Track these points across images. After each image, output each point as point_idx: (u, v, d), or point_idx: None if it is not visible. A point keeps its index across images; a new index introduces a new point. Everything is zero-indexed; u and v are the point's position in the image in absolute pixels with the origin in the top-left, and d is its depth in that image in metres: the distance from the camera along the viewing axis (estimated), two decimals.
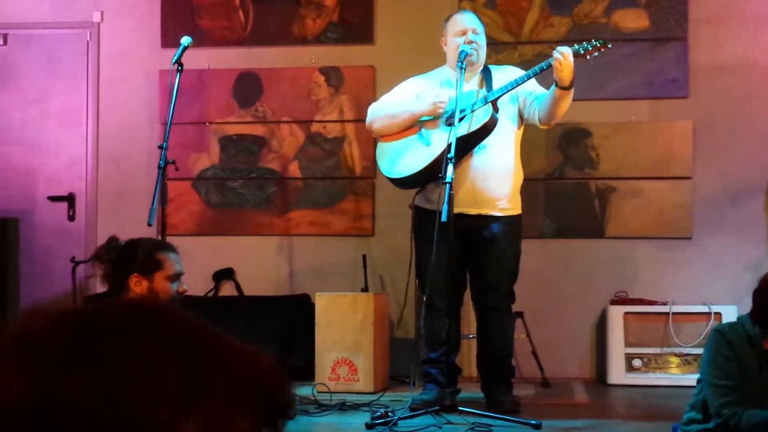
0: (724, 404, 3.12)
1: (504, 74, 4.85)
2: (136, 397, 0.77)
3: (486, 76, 4.87)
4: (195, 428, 0.77)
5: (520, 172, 4.87)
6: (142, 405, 0.76)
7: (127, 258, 3.24)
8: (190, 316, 0.87)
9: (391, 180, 4.93)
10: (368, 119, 4.99)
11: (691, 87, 6.06)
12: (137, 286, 3.20)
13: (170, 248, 3.35)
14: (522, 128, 4.89)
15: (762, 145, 6.02)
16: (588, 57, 4.65)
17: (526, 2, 6.22)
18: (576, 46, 4.61)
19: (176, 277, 3.29)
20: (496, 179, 4.73)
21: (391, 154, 4.89)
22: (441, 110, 4.71)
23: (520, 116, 4.83)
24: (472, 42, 4.76)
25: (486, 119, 4.61)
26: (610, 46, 4.70)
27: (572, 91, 4.59)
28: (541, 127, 4.85)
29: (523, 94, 4.78)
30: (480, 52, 4.80)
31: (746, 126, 6.03)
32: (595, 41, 4.65)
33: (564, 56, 4.46)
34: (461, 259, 4.70)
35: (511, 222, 4.80)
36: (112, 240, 3.32)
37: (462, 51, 4.70)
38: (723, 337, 3.18)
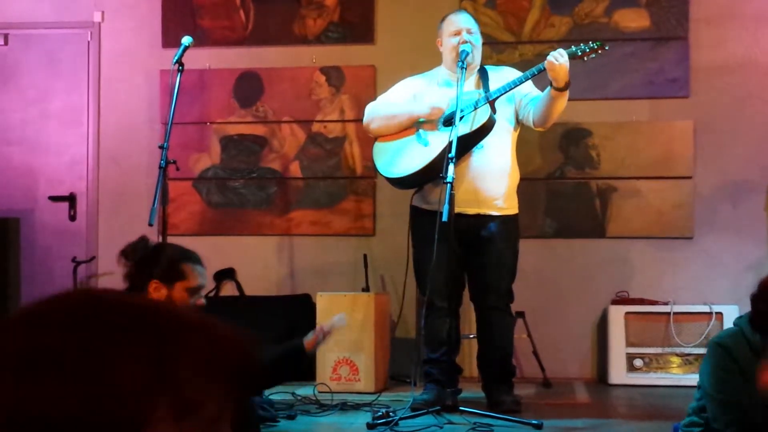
0: (731, 422, 3.06)
1: (501, 75, 4.85)
2: (103, 394, 0.76)
3: (483, 76, 4.88)
4: (166, 411, 0.77)
5: (517, 172, 4.88)
6: (110, 401, 0.76)
7: (151, 261, 3.21)
8: (140, 298, 0.85)
9: (389, 180, 4.93)
10: (365, 119, 4.99)
11: (691, 87, 6.06)
12: (156, 292, 3.17)
13: (197, 260, 3.30)
14: (518, 129, 4.90)
15: (763, 144, 6.02)
16: (585, 58, 4.67)
17: (526, 2, 6.22)
18: (573, 48, 4.63)
19: (197, 290, 3.25)
20: (493, 179, 4.73)
21: (388, 153, 4.89)
22: (439, 114, 4.73)
23: (517, 117, 4.85)
24: (467, 42, 4.77)
25: (485, 120, 4.62)
26: (607, 48, 4.73)
27: (567, 92, 4.60)
28: (535, 129, 4.86)
29: (518, 96, 4.79)
30: (475, 52, 4.81)
31: (747, 126, 6.03)
32: (593, 43, 4.67)
33: (556, 57, 4.48)
34: (460, 258, 4.70)
35: (508, 221, 4.81)
36: (143, 240, 3.29)
37: (463, 51, 4.71)
38: (724, 351, 3.06)
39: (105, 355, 0.77)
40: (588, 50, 4.65)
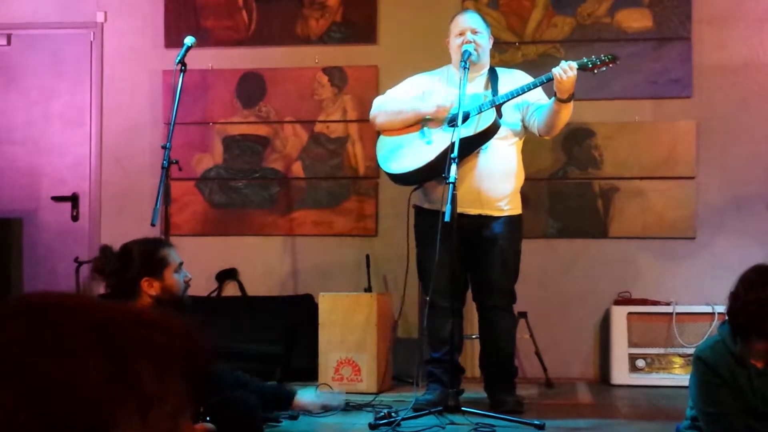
0: (721, 431, 3.07)
1: (511, 78, 4.86)
2: (68, 406, 0.75)
3: (492, 77, 4.88)
4: (132, 408, 0.76)
5: (522, 174, 4.89)
6: (74, 407, 0.75)
7: (129, 264, 3.23)
8: (91, 300, 0.84)
9: (390, 175, 4.94)
10: (372, 112, 5.01)
11: (694, 87, 6.06)
12: (150, 288, 3.20)
13: (165, 243, 3.37)
14: (524, 136, 4.91)
15: (765, 144, 6.01)
16: (596, 71, 4.67)
17: (529, 2, 6.21)
18: (585, 60, 4.63)
19: (180, 267, 3.30)
20: (498, 181, 4.74)
21: (391, 148, 4.90)
22: (445, 114, 4.73)
23: (523, 124, 4.85)
24: (471, 42, 4.77)
25: (489, 123, 4.62)
26: (618, 62, 4.72)
27: (571, 104, 4.61)
28: (542, 137, 4.87)
29: (526, 103, 4.79)
30: (480, 52, 4.81)
31: (750, 126, 6.02)
32: (605, 56, 4.66)
33: (566, 70, 4.48)
34: (462, 258, 4.70)
35: (511, 222, 4.81)
36: (107, 249, 3.31)
37: (465, 51, 4.72)
38: (705, 365, 3.09)
39: (63, 363, 0.76)
40: (599, 63, 4.65)
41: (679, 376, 5.58)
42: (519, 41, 6.19)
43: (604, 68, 4.67)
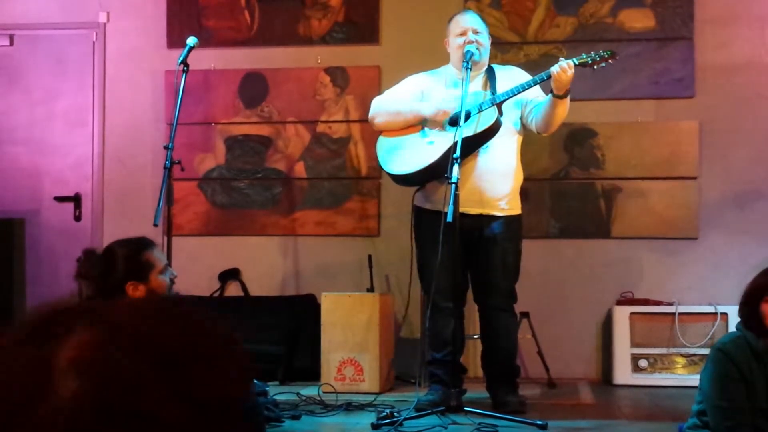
0: (732, 428, 3.06)
1: (508, 75, 4.86)
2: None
3: (490, 76, 4.88)
4: None
5: (521, 173, 4.89)
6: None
7: (113, 268, 3.15)
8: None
9: (392, 176, 4.94)
10: (371, 113, 5.00)
11: (697, 87, 6.05)
12: (135, 291, 3.12)
13: (149, 244, 3.26)
14: (523, 133, 4.91)
15: None
16: (595, 67, 4.69)
17: (531, 2, 6.22)
18: (584, 56, 4.64)
19: (165, 268, 3.24)
20: (498, 180, 4.74)
21: (392, 148, 4.89)
22: (444, 117, 4.72)
23: (522, 121, 4.85)
24: (472, 42, 4.77)
25: (491, 122, 4.62)
26: (617, 57, 4.74)
27: (567, 100, 4.62)
28: (538, 134, 4.87)
29: (525, 100, 4.80)
30: (481, 51, 4.81)
31: (752, 126, 6.02)
32: (603, 52, 4.68)
33: (565, 70, 4.49)
34: (463, 258, 4.69)
35: (511, 222, 4.81)
36: (91, 253, 3.24)
37: (468, 51, 4.72)
38: (727, 358, 3.08)
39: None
40: (599, 59, 4.66)
41: (682, 376, 5.58)
42: (521, 41, 6.19)
43: (604, 64, 4.69)
